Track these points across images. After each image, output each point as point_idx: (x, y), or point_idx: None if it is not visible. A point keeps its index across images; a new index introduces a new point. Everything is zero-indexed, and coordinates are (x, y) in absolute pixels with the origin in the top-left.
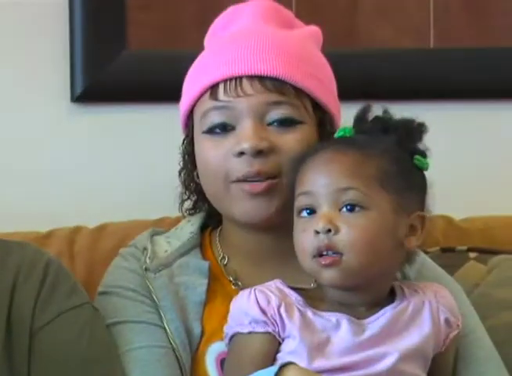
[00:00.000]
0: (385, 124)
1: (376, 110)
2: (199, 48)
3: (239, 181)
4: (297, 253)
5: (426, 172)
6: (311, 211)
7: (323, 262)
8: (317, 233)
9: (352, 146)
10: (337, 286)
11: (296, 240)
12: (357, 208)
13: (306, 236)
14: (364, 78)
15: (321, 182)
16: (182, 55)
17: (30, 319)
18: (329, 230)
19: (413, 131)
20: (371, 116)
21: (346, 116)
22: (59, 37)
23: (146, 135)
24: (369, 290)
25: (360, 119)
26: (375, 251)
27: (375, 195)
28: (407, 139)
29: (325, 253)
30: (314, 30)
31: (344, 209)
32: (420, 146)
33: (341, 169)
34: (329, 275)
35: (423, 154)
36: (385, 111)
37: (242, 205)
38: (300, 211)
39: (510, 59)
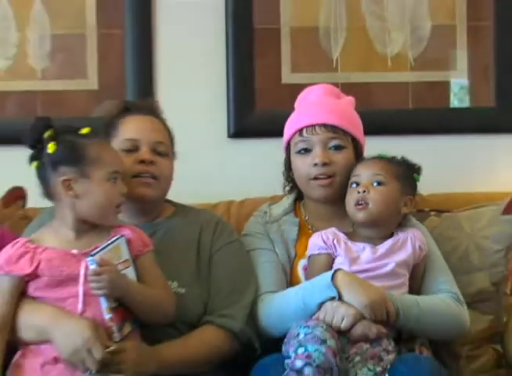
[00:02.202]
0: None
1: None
2: (292, 109)
3: (314, 179)
4: (346, 206)
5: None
6: (357, 184)
7: (359, 208)
8: (358, 192)
9: (385, 159)
10: (364, 222)
11: (347, 199)
12: (381, 184)
13: (352, 195)
14: (376, 124)
15: (366, 171)
16: (284, 114)
17: (209, 248)
18: (365, 191)
19: (415, 167)
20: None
21: (368, 144)
22: (219, 93)
23: (274, 156)
24: (381, 229)
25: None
26: (386, 207)
27: (392, 181)
28: (411, 166)
29: (360, 203)
30: (351, 99)
31: (375, 184)
32: (418, 171)
33: (378, 167)
34: (361, 215)
35: (419, 174)
36: (402, 157)
37: (316, 191)
38: (351, 184)
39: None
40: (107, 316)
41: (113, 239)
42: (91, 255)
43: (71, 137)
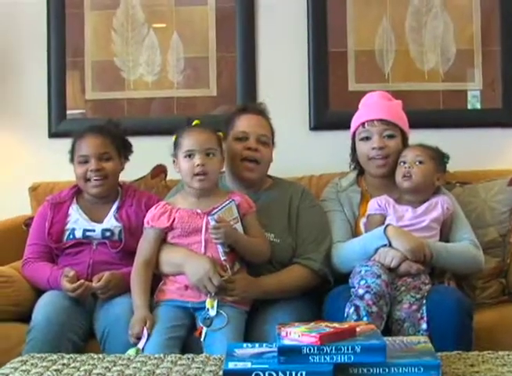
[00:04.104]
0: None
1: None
2: (356, 109)
3: (372, 159)
4: (396, 177)
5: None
6: (404, 163)
7: (405, 179)
8: (405, 168)
9: (424, 146)
10: (408, 189)
11: (397, 173)
12: (422, 163)
13: (401, 170)
14: (417, 120)
15: (411, 153)
16: (350, 113)
17: (297, 208)
18: (410, 167)
19: (445, 154)
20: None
21: (411, 135)
22: (303, 99)
23: (344, 143)
24: (419, 195)
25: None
26: (424, 179)
27: (429, 161)
28: (443, 153)
29: (406, 175)
30: (399, 102)
31: (417, 163)
32: (447, 157)
33: (419, 150)
34: (406, 184)
35: (448, 159)
36: (436, 147)
37: (375, 169)
38: (400, 163)
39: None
40: (222, 258)
41: (227, 202)
42: (212, 215)
43: (181, 129)
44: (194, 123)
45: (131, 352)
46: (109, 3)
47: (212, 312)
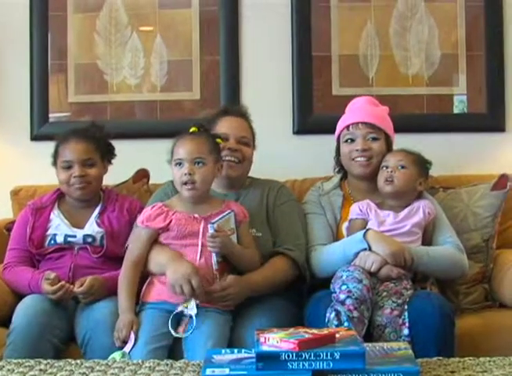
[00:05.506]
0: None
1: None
2: (339, 113)
3: (354, 160)
4: (378, 182)
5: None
6: (387, 167)
7: (386, 183)
8: (387, 172)
9: (407, 151)
10: (390, 193)
11: (379, 177)
12: (404, 168)
13: (383, 174)
14: (400, 124)
15: (393, 158)
16: (333, 117)
17: (273, 203)
18: (392, 171)
19: (427, 160)
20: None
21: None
22: (287, 102)
23: (327, 148)
24: (401, 200)
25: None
26: (407, 183)
27: (411, 166)
28: (425, 159)
29: (388, 179)
30: (386, 107)
31: (399, 167)
32: (430, 163)
33: (402, 155)
34: (388, 188)
35: (430, 164)
36: (419, 153)
37: (358, 170)
38: (382, 167)
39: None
40: (215, 266)
41: (227, 212)
42: (212, 223)
43: (178, 135)
44: (191, 130)
45: (117, 355)
46: (92, 6)
47: (192, 311)
